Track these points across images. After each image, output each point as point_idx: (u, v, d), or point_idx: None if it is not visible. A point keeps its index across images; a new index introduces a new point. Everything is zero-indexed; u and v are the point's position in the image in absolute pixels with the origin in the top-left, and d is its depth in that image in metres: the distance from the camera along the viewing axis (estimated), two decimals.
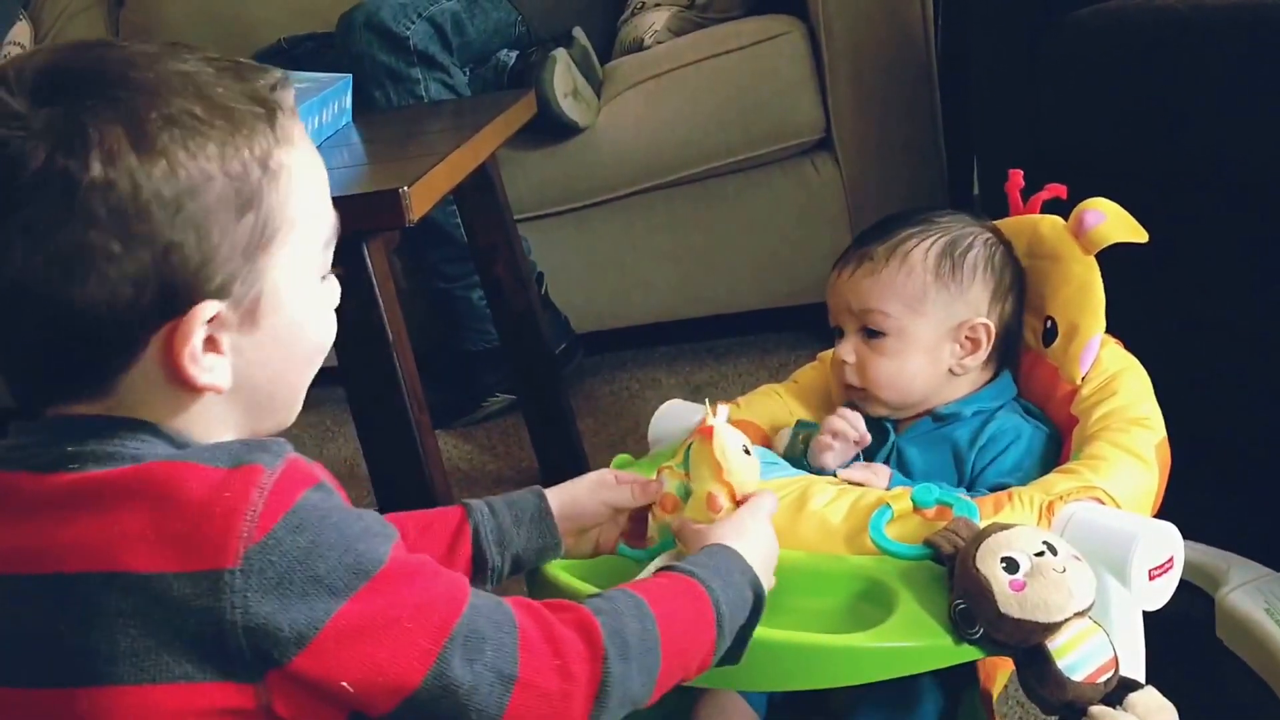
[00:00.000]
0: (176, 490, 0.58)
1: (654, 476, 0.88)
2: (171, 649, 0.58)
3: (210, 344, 0.62)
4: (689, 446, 0.86)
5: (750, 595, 0.75)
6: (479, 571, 0.84)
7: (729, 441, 0.84)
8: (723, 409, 0.87)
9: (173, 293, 0.60)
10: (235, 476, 0.59)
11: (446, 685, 0.61)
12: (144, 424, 0.62)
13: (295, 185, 0.64)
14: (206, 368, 0.62)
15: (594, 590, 0.77)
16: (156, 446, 0.62)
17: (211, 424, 0.65)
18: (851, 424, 1.01)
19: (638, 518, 0.90)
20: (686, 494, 0.85)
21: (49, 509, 0.60)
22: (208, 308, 0.61)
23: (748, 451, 0.85)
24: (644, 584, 0.73)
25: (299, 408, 0.71)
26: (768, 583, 0.78)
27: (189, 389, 0.62)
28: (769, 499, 0.84)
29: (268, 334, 0.64)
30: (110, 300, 0.58)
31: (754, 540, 0.79)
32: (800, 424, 1.06)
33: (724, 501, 0.83)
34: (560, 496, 0.88)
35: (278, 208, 0.63)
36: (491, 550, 0.84)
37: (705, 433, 0.84)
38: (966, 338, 1.03)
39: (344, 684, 0.59)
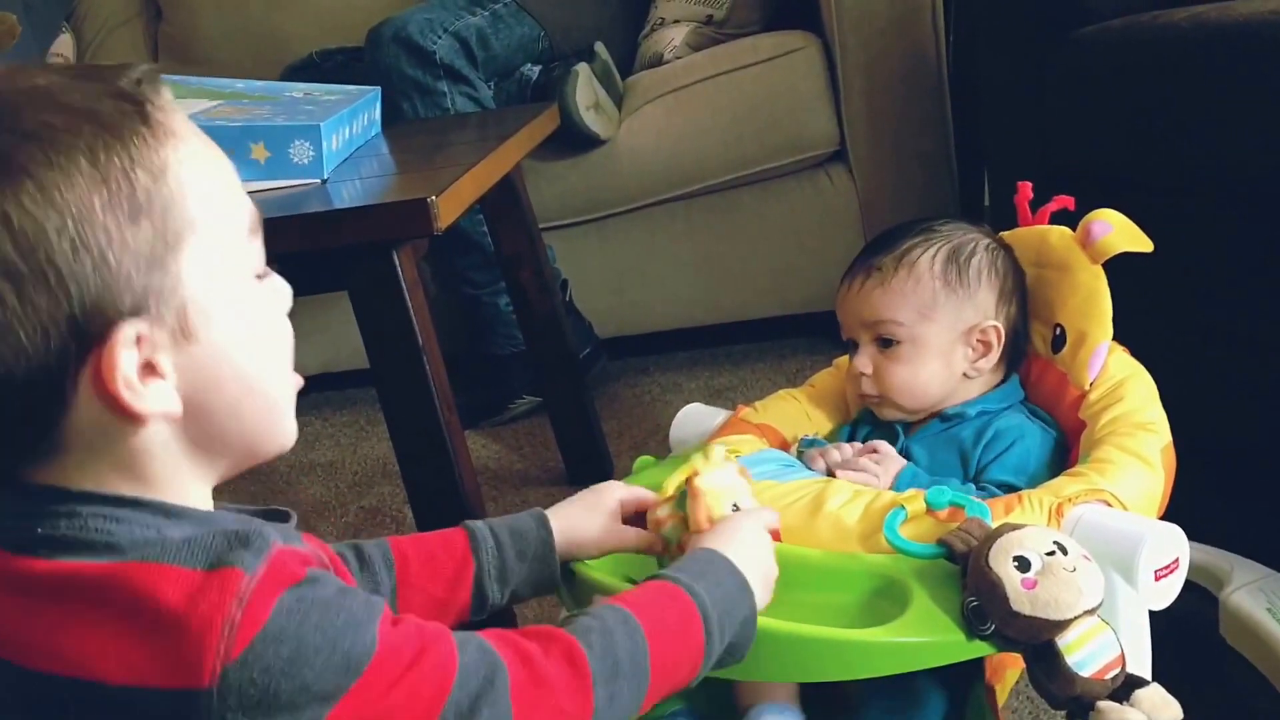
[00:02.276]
0: (150, 598, 0.53)
1: (658, 508, 0.87)
2: None
3: (150, 369, 0.56)
4: (683, 491, 0.84)
5: (742, 595, 0.73)
6: (478, 606, 0.82)
7: (714, 506, 0.83)
8: (717, 451, 0.86)
9: (84, 325, 0.53)
10: (212, 583, 0.54)
11: None
12: (114, 498, 0.57)
13: (189, 179, 0.57)
14: (148, 395, 0.55)
15: (621, 585, 0.78)
16: (132, 526, 0.56)
17: (185, 464, 0.59)
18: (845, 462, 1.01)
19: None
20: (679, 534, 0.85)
21: (19, 595, 0.55)
22: (126, 329, 0.54)
23: (737, 509, 0.84)
24: (631, 596, 0.71)
25: (289, 425, 0.64)
26: (761, 581, 0.76)
27: (137, 422, 0.56)
28: (763, 513, 0.83)
29: (208, 347, 0.58)
30: (19, 354, 0.52)
31: (742, 543, 0.77)
32: (804, 441, 1.07)
33: None
34: (563, 533, 0.85)
35: (174, 207, 0.56)
36: (493, 588, 0.82)
37: (693, 492, 0.83)
38: (978, 340, 1.04)
39: None
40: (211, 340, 0.58)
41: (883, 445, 1.01)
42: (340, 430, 2.17)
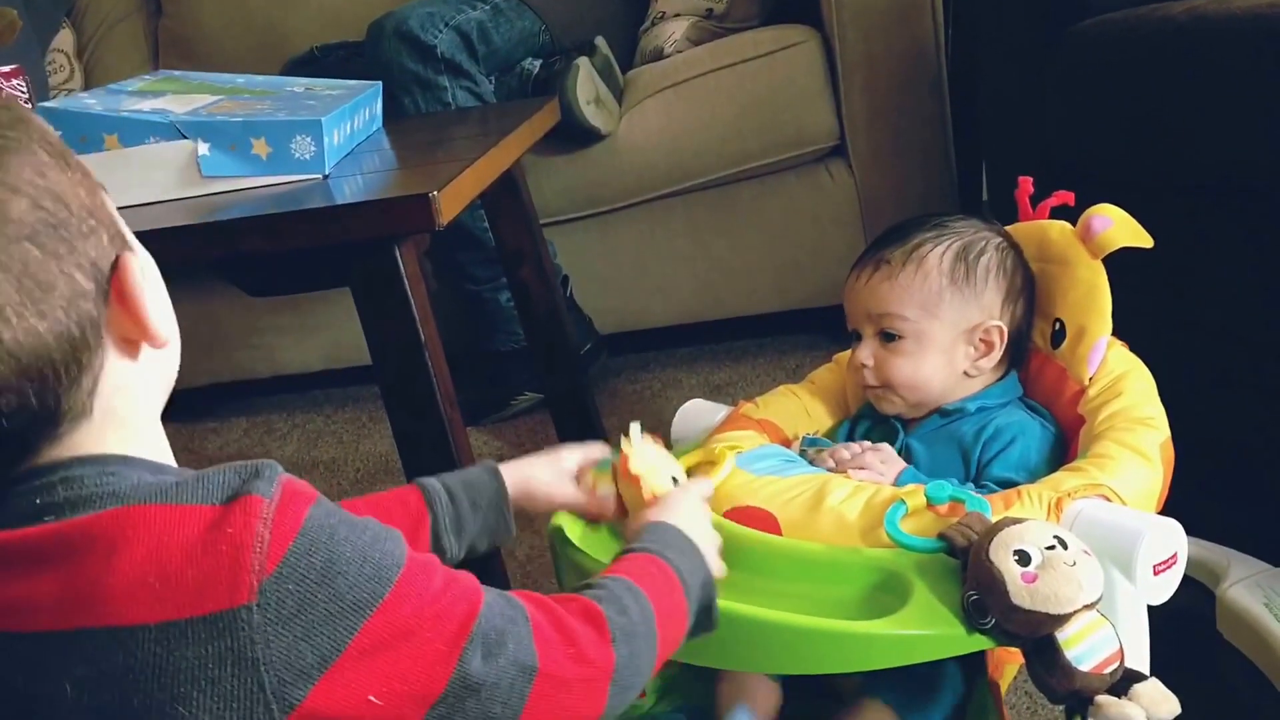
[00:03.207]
0: (173, 532, 0.55)
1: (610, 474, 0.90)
2: (186, 702, 0.54)
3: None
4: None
5: (698, 559, 0.77)
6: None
7: (654, 482, 0.87)
8: (634, 429, 0.90)
9: (98, 268, 0.58)
10: (234, 511, 0.56)
11: (470, 685, 0.60)
12: (104, 457, 0.59)
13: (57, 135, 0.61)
14: (160, 319, 0.61)
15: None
16: (130, 476, 0.59)
17: (152, 400, 0.63)
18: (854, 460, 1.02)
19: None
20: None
21: (28, 563, 0.56)
22: (129, 258, 0.60)
23: (675, 481, 0.88)
24: (620, 566, 0.73)
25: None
26: (711, 549, 0.80)
27: (142, 352, 0.61)
28: (700, 484, 0.88)
29: (149, 273, 0.63)
30: (69, 304, 0.56)
31: (688, 515, 0.81)
32: (806, 440, 1.07)
33: None
34: (516, 484, 0.88)
35: (70, 154, 0.60)
36: (449, 539, 0.84)
37: (631, 480, 0.86)
38: (981, 340, 1.05)
39: (370, 698, 0.57)
40: (146, 268, 0.62)
41: (883, 447, 1.02)
42: (342, 427, 2.17)
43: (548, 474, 0.91)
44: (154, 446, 0.63)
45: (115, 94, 1.40)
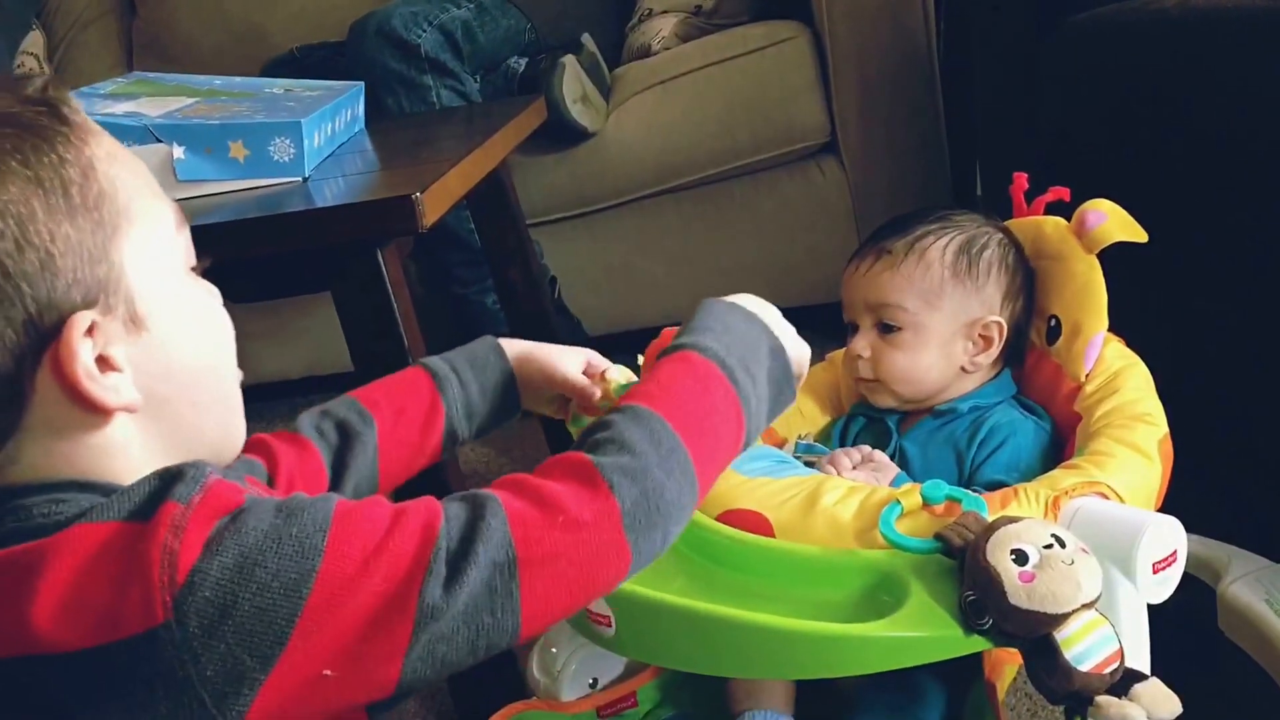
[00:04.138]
0: (87, 554, 0.53)
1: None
2: None
3: (105, 363, 0.57)
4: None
5: (752, 327, 0.70)
6: (449, 445, 0.84)
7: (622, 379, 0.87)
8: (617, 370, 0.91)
9: (38, 321, 0.55)
10: (146, 524, 0.53)
11: (441, 613, 0.55)
12: (63, 482, 0.57)
13: (114, 173, 0.59)
14: (110, 386, 0.57)
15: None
16: (79, 501, 0.56)
17: (146, 459, 0.60)
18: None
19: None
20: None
21: None
22: (79, 320, 0.56)
23: None
24: (641, 388, 0.67)
25: (241, 422, 0.66)
26: (772, 315, 0.73)
27: (99, 415, 0.57)
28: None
29: (158, 336, 0.60)
30: None
31: (738, 298, 0.74)
32: (800, 446, 1.06)
33: None
34: (517, 356, 0.88)
35: (106, 200, 0.58)
36: (461, 424, 0.84)
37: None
38: (980, 335, 1.04)
39: (326, 673, 0.54)
40: (161, 329, 0.60)
41: (878, 455, 1.01)
42: None
43: (551, 357, 0.89)
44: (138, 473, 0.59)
45: (88, 97, 1.38)
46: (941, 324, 1.03)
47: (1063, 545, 0.77)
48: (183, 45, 2.48)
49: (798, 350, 0.75)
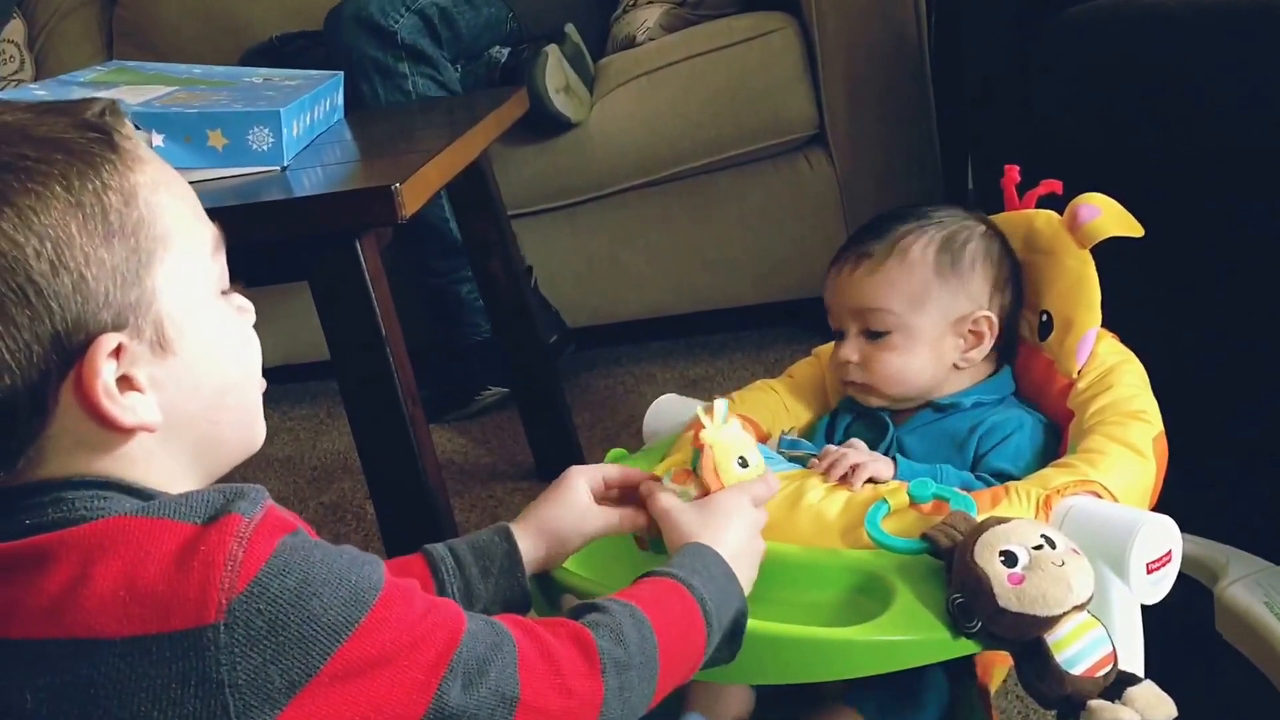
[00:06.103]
0: (149, 547, 0.56)
1: (656, 471, 0.85)
2: None
3: (127, 383, 0.60)
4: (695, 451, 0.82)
5: (732, 588, 0.74)
6: None
7: (722, 461, 0.82)
8: (720, 406, 0.84)
9: (66, 340, 0.57)
10: (213, 529, 0.56)
11: (448, 715, 0.60)
12: (102, 481, 0.60)
13: (156, 201, 0.61)
14: (129, 406, 0.59)
15: (597, 591, 0.76)
16: (123, 502, 0.59)
17: (167, 470, 0.63)
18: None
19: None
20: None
21: (5, 572, 0.56)
22: (106, 341, 0.58)
23: (745, 464, 0.83)
24: (634, 591, 0.71)
25: (259, 428, 0.69)
26: (747, 574, 0.77)
27: (119, 432, 0.60)
28: (755, 487, 0.82)
29: (184, 359, 0.62)
30: (4, 369, 0.56)
31: (734, 535, 0.78)
32: (785, 442, 1.04)
33: None
34: (541, 529, 0.83)
35: (145, 227, 0.60)
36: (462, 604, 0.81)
37: (699, 446, 0.82)
38: (970, 331, 1.03)
39: None
40: (188, 352, 0.62)
41: (857, 443, 0.99)
42: (299, 424, 2.15)
43: (569, 512, 0.84)
44: (162, 481, 0.62)
45: (67, 85, 1.38)
46: (930, 324, 1.02)
47: (1053, 546, 0.77)
48: (163, 34, 2.46)
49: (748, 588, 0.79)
